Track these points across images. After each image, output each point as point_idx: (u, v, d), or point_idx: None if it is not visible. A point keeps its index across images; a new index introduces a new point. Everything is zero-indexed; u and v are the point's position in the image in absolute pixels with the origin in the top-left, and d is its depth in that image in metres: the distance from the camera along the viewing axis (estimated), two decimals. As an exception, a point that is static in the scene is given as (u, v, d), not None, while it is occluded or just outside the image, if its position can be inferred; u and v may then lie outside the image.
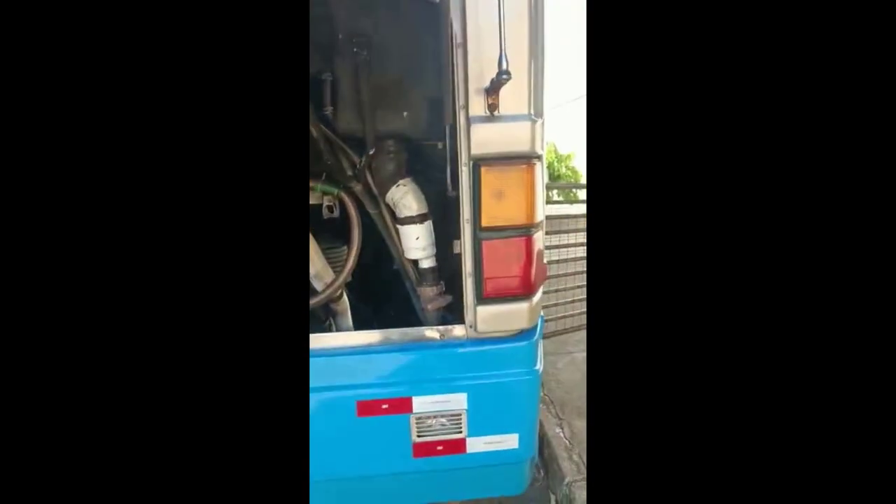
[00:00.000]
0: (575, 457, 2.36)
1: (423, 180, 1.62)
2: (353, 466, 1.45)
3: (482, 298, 1.41)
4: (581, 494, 2.12)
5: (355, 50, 1.39)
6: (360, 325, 1.89)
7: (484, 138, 1.33)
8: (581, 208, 4.24)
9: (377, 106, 1.44)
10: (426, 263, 1.61)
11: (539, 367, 1.49)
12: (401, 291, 2.03)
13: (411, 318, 1.87)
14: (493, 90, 1.30)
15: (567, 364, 3.39)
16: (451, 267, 1.67)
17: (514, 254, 1.39)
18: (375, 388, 1.41)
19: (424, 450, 1.45)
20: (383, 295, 2.30)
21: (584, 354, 3.56)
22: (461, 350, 1.45)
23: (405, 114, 1.46)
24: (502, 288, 1.40)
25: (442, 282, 1.63)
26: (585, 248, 3.94)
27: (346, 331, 1.80)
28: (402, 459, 1.45)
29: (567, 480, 2.22)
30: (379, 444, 1.43)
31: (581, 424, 2.60)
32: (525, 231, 1.39)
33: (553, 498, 2.28)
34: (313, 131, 1.44)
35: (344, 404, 1.39)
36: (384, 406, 1.40)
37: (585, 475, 2.23)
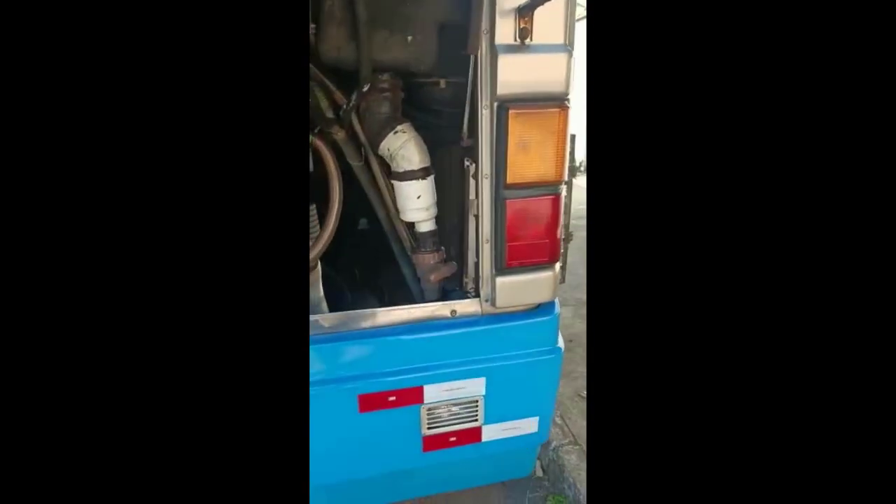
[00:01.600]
0: (557, 419, 2.29)
1: (417, 126, 1.34)
2: (356, 469, 1.24)
3: (503, 268, 1.19)
4: (570, 459, 2.07)
5: None
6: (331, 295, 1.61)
7: (512, 74, 1.08)
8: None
9: (376, 26, 1.12)
10: (426, 227, 1.35)
11: (561, 343, 1.32)
12: (365, 253, 1.77)
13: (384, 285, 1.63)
14: (528, 9, 1.03)
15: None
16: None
17: (543, 215, 1.18)
18: (380, 379, 1.18)
19: (436, 443, 1.26)
20: (353, 260, 2.02)
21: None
22: (477, 328, 1.24)
23: (409, 38, 1.15)
24: (527, 255, 1.20)
25: (443, 248, 1.39)
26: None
27: (318, 302, 1.51)
28: (410, 456, 1.25)
29: (553, 445, 2.16)
30: (385, 441, 1.22)
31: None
32: (554, 189, 1.18)
33: (538, 464, 2.21)
34: None
35: (344, 400, 1.15)
36: (391, 399, 1.18)
37: (571, 438, 2.18)
